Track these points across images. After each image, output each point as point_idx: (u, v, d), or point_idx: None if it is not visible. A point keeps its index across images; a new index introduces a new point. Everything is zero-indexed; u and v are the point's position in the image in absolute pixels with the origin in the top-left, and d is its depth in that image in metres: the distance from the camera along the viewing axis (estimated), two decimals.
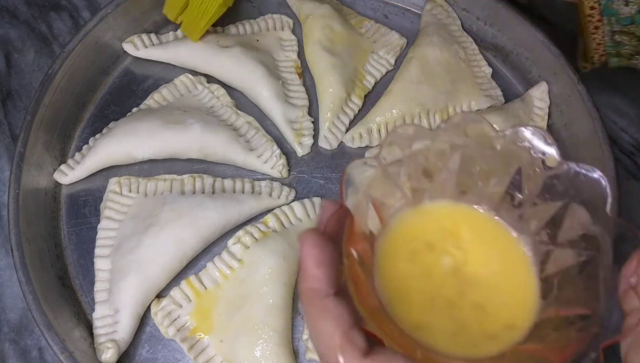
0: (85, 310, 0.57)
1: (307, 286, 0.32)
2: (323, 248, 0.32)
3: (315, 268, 0.32)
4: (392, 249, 0.38)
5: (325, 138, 0.65)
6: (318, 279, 0.31)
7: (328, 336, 0.30)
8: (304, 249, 0.32)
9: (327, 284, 0.31)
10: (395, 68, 0.69)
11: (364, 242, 0.36)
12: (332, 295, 0.31)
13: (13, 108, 0.68)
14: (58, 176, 0.62)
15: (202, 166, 0.63)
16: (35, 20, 0.73)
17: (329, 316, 0.31)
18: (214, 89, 0.66)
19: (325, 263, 0.32)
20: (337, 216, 0.34)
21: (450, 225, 0.41)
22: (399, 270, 0.38)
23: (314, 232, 0.33)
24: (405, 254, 0.39)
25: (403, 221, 0.40)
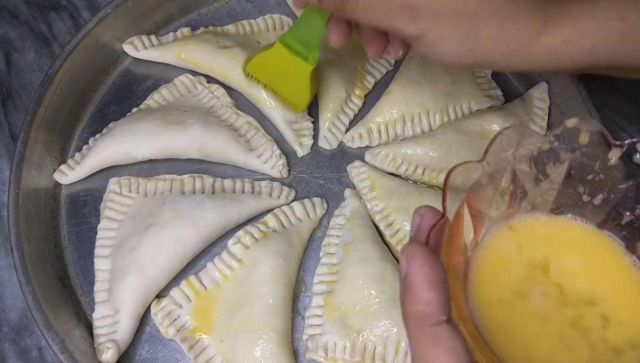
0: (85, 310, 0.57)
1: (417, 310, 0.28)
2: (433, 267, 0.29)
3: (427, 290, 0.28)
4: (490, 264, 0.35)
5: (325, 138, 0.65)
6: (430, 302, 0.28)
7: None
8: (413, 266, 0.28)
9: (440, 309, 0.28)
10: (395, 68, 0.69)
11: (460, 256, 0.33)
12: (445, 322, 0.28)
13: (13, 108, 0.68)
14: (58, 176, 0.62)
15: (202, 166, 0.63)
16: (35, 20, 0.73)
17: (442, 348, 0.27)
18: (214, 89, 0.66)
19: (438, 285, 0.28)
20: (439, 227, 0.30)
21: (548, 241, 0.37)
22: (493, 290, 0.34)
23: (421, 247, 0.29)
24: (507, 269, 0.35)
25: (498, 235, 0.37)
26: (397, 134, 0.65)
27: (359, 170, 0.63)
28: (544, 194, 0.38)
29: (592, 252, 0.37)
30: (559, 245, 0.37)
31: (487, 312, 0.33)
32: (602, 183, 0.37)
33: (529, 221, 0.38)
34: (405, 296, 0.29)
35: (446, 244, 0.31)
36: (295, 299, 0.57)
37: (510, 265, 0.36)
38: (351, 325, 0.54)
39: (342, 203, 0.62)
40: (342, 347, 0.54)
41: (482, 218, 0.36)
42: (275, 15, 0.72)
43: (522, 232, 0.37)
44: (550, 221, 0.38)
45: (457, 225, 0.33)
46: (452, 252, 0.32)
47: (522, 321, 0.34)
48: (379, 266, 0.56)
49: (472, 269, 0.34)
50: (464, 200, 0.33)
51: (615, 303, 0.35)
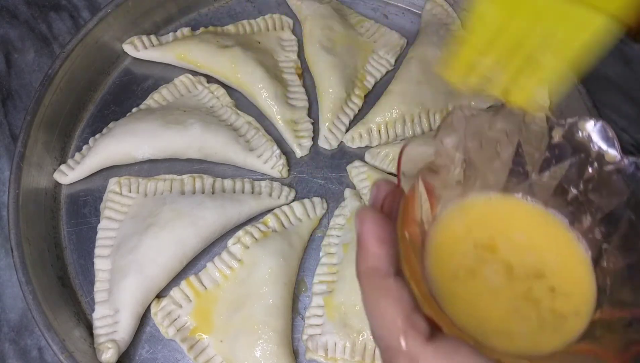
0: (85, 310, 0.57)
1: (368, 265, 0.30)
2: (384, 226, 0.31)
3: (377, 246, 0.30)
4: (444, 241, 0.37)
5: (325, 138, 0.65)
6: (379, 257, 0.30)
7: (389, 318, 0.29)
8: (364, 226, 0.30)
9: (389, 263, 0.30)
10: (395, 68, 0.69)
11: (415, 226, 0.35)
12: (394, 276, 0.30)
13: (13, 108, 0.68)
14: (58, 176, 0.62)
15: (202, 166, 0.63)
16: (35, 20, 0.73)
17: (390, 297, 0.29)
18: (214, 89, 0.66)
19: (387, 241, 0.30)
20: (392, 196, 0.33)
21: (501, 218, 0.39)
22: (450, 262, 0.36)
23: (373, 210, 0.31)
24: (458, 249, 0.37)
25: (454, 212, 0.38)
26: (397, 134, 0.65)
27: (359, 170, 0.63)
28: (496, 173, 0.39)
29: (539, 229, 0.39)
30: (507, 223, 0.39)
31: (443, 285, 0.35)
32: (547, 161, 0.39)
33: (480, 201, 0.40)
34: (358, 254, 0.31)
35: (402, 214, 0.33)
36: (295, 299, 0.57)
37: (460, 244, 0.38)
38: (351, 325, 0.54)
39: (342, 203, 0.62)
40: (342, 347, 0.54)
41: (438, 194, 0.38)
42: (275, 15, 0.72)
43: (472, 212, 0.39)
44: (501, 201, 0.40)
45: (413, 197, 0.34)
46: (407, 222, 0.33)
47: (475, 295, 0.35)
48: None
49: (430, 242, 0.36)
50: (418, 174, 0.35)
51: (561, 275, 0.37)
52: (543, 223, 0.39)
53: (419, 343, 0.28)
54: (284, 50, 0.70)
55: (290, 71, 0.68)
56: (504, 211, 0.40)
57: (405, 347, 0.28)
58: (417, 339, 0.28)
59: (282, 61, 0.69)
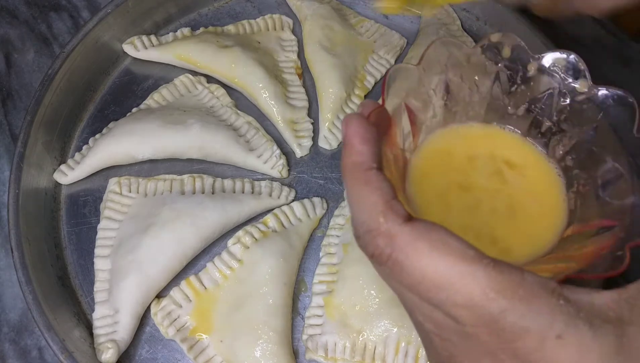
0: (85, 310, 0.57)
1: (352, 160, 0.33)
2: (368, 128, 0.33)
3: (360, 144, 0.33)
4: (425, 164, 0.39)
5: (325, 138, 0.65)
6: (363, 153, 0.32)
7: (370, 204, 0.31)
8: (349, 128, 0.33)
9: (371, 158, 0.32)
10: None
11: (398, 151, 0.37)
12: (375, 169, 0.32)
13: (13, 108, 0.68)
14: (58, 176, 0.62)
15: (202, 166, 0.63)
16: (35, 20, 0.73)
17: (371, 186, 0.32)
18: (214, 89, 0.66)
19: (370, 140, 0.33)
20: (377, 113, 0.35)
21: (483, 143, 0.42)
22: (431, 183, 0.39)
23: (358, 116, 0.34)
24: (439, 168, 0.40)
25: (435, 139, 0.41)
26: None
27: None
28: (475, 106, 0.42)
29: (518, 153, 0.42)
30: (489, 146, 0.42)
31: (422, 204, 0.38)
32: (523, 94, 0.41)
33: (462, 129, 0.42)
34: (343, 152, 0.34)
35: (386, 135, 0.35)
36: (295, 299, 0.57)
37: (442, 166, 0.40)
38: (351, 325, 0.54)
39: (342, 203, 0.62)
40: (342, 347, 0.54)
41: (420, 123, 0.40)
42: (275, 15, 0.72)
43: (453, 137, 0.42)
44: (482, 128, 0.42)
45: (396, 122, 0.36)
46: (389, 143, 0.36)
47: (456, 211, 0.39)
48: None
49: (411, 171, 0.39)
50: (402, 99, 0.37)
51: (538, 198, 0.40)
52: (522, 149, 0.42)
53: (398, 224, 0.30)
54: (284, 50, 0.70)
55: (290, 71, 0.68)
56: (485, 136, 0.42)
57: (385, 227, 0.30)
58: (396, 220, 0.30)
59: (282, 61, 0.69)
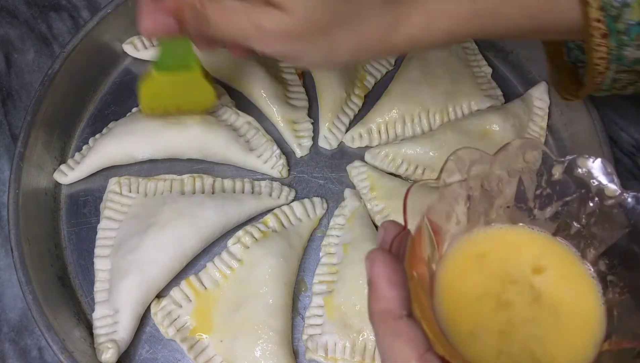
0: (85, 310, 0.57)
1: (380, 307, 0.31)
2: (394, 267, 0.32)
3: (389, 289, 0.31)
4: (452, 277, 0.38)
5: (325, 138, 0.65)
6: (391, 300, 0.31)
7: (403, 358, 0.30)
8: (375, 268, 0.31)
9: (401, 304, 0.31)
10: (395, 68, 0.69)
11: (423, 266, 0.36)
12: (406, 317, 0.31)
13: (13, 108, 0.68)
14: (58, 176, 0.62)
15: (202, 166, 0.63)
16: (35, 20, 0.73)
17: (403, 338, 0.30)
18: None
19: (398, 284, 0.31)
20: (400, 238, 0.34)
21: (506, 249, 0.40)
22: (458, 299, 0.37)
23: (383, 252, 0.32)
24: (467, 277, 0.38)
25: (461, 248, 0.39)
26: (397, 134, 0.65)
27: (359, 170, 0.63)
28: (499, 210, 0.40)
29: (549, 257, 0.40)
30: (518, 251, 0.40)
31: (451, 318, 0.36)
32: (549, 197, 0.40)
33: (489, 232, 0.40)
34: (370, 296, 0.32)
35: (409, 255, 0.34)
36: (295, 299, 0.57)
37: (471, 274, 0.38)
38: (351, 325, 0.54)
39: (342, 203, 0.62)
40: (342, 347, 0.54)
41: (443, 232, 0.39)
42: None
43: (482, 242, 0.40)
44: (508, 230, 0.41)
45: (419, 237, 0.35)
46: (414, 262, 0.34)
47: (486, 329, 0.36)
48: None
49: (438, 281, 0.37)
50: (424, 215, 0.36)
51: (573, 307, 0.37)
52: (553, 250, 0.40)
53: None
54: None
55: (290, 71, 0.68)
56: (514, 238, 0.40)
57: None
58: None
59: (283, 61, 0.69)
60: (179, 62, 0.54)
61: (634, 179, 0.67)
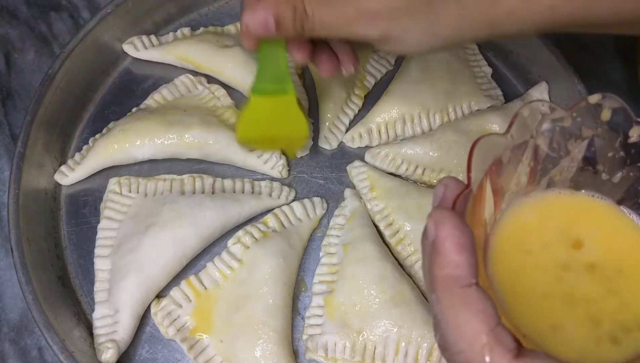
0: (85, 310, 0.57)
1: (446, 273, 0.28)
2: (463, 230, 0.29)
3: (457, 253, 0.28)
4: (505, 243, 0.35)
5: (325, 138, 0.65)
6: (460, 265, 0.28)
7: (472, 332, 0.27)
8: (442, 230, 0.28)
9: (470, 271, 0.28)
10: (395, 68, 0.69)
11: (481, 229, 0.33)
12: (475, 285, 0.28)
13: (13, 108, 0.68)
14: (59, 177, 0.62)
15: (202, 166, 0.63)
16: (35, 20, 0.73)
17: (473, 309, 0.27)
18: (214, 89, 0.66)
19: (467, 248, 0.28)
20: (464, 196, 0.31)
21: (570, 216, 0.37)
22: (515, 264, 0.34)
23: (450, 212, 0.29)
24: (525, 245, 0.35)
25: (519, 212, 0.37)
26: (397, 134, 0.65)
27: (359, 170, 0.63)
28: (564, 171, 0.38)
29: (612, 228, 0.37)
30: (581, 218, 0.37)
31: (507, 286, 0.33)
32: (622, 161, 0.37)
33: (549, 197, 0.38)
34: (433, 260, 0.29)
35: (469, 216, 0.31)
36: (295, 299, 0.57)
37: (532, 237, 0.36)
38: (351, 325, 0.54)
39: (342, 203, 0.62)
40: (342, 347, 0.54)
41: (503, 193, 0.36)
42: None
43: (542, 206, 0.37)
44: (571, 197, 0.38)
45: (480, 198, 0.33)
46: (474, 224, 0.31)
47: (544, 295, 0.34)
48: (379, 266, 0.55)
49: (492, 243, 0.34)
50: (487, 173, 0.33)
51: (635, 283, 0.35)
52: (616, 222, 0.37)
53: (507, 361, 0.26)
54: None
55: (291, 71, 0.68)
56: (577, 206, 0.38)
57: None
58: (505, 356, 0.26)
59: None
60: (275, 80, 0.53)
61: None
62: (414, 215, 0.59)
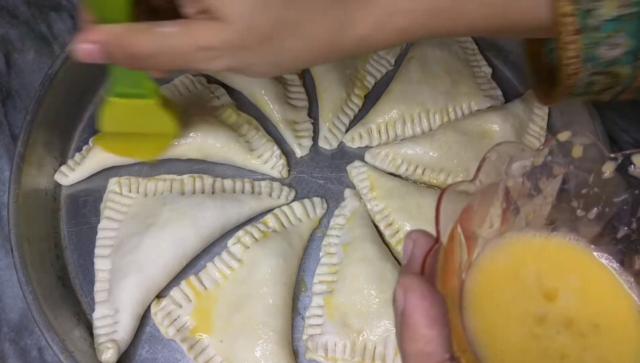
0: (85, 310, 0.57)
1: (417, 348, 0.26)
2: (433, 300, 0.26)
3: (427, 327, 0.26)
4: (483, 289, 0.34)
5: (325, 138, 0.65)
6: (431, 341, 0.26)
7: None
8: (410, 300, 0.27)
9: (442, 346, 0.26)
10: (395, 68, 0.69)
11: (455, 280, 0.32)
12: (449, 361, 0.26)
13: (13, 108, 0.68)
14: (59, 177, 0.62)
15: (202, 166, 0.63)
16: (35, 20, 0.73)
17: None
18: (214, 89, 0.66)
19: (438, 320, 0.26)
20: (434, 253, 0.29)
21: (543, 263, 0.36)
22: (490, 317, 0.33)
23: (419, 279, 0.27)
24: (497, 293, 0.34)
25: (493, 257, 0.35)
26: (397, 134, 0.65)
27: (359, 170, 0.63)
28: (537, 209, 0.37)
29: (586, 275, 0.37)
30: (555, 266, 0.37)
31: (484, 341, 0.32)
32: (596, 197, 0.36)
33: (523, 240, 0.37)
34: (403, 333, 0.27)
35: (441, 269, 0.30)
36: (295, 299, 0.57)
37: (506, 286, 0.35)
38: (351, 325, 0.54)
39: (342, 203, 0.62)
40: (342, 347, 0.54)
41: (476, 237, 0.35)
42: None
43: (515, 251, 0.36)
44: (546, 240, 0.37)
45: (452, 248, 0.31)
46: (447, 277, 0.30)
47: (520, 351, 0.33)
48: (378, 266, 0.56)
49: (467, 291, 0.34)
50: (457, 222, 0.32)
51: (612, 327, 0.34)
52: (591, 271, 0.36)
53: None
54: None
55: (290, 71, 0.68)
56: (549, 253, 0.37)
57: None
58: None
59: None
60: (133, 90, 0.51)
61: None
62: (414, 215, 0.59)
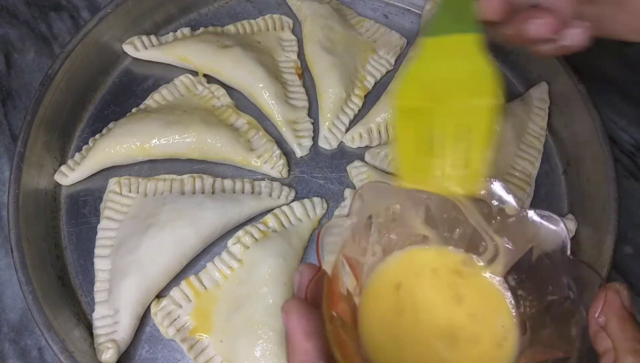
0: (85, 310, 0.57)
1: (298, 360, 0.32)
2: (309, 318, 0.32)
3: (304, 341, 0.31)
4: (370, 309, 0.39)
5: (325, 138, 0.65)
6: (308, 351, 0.31)
7: None
8: (290, 321, 0.32)
9: (318, 356, 0.31)
10: (395, 68, 0.69)
11: (343, 303, 0.37)
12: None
13: (13, 108, 0.68)
14: (59, 177, 0.62)
15: (202, 166, 0.63)
16: (35, 20, 0.73)
17: None
18: (214, 89, 0.66)
19: (313, 334, 0.32)
20: (316, 280, 0.34)
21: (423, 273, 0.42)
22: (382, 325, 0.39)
23: (298, 302, 0.33)
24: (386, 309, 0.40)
25: (377, 279, 0.41)
26: None
27: (359, 170, 0.63)
28: (411, 235, 0.42)
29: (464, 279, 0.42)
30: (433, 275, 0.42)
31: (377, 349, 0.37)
32: (455, 220, 0.42)
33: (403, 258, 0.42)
34: (288, 348, 0.32)
35: (326, 295, 0.34)
36: None
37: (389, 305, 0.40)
38: None
39: (342, 203, 0.62)
40: None
41: (361, 265, 0.40)
42: (275, 15, 0.72)
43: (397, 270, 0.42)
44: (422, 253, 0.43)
45: (336, 276, 0.36)
46: (333, 302, 0.34)
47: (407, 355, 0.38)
48: None
49: (359, 312, 0.39)
50: (338, 252, 0.37)
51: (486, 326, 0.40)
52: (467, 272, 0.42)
53: None
54: (284, 50, 0.70)
55: (290, 71, 0.68)
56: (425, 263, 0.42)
57: None
58: None
59: (282, 61, 0.69)
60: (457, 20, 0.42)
61: (633, 179, 0.67)
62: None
